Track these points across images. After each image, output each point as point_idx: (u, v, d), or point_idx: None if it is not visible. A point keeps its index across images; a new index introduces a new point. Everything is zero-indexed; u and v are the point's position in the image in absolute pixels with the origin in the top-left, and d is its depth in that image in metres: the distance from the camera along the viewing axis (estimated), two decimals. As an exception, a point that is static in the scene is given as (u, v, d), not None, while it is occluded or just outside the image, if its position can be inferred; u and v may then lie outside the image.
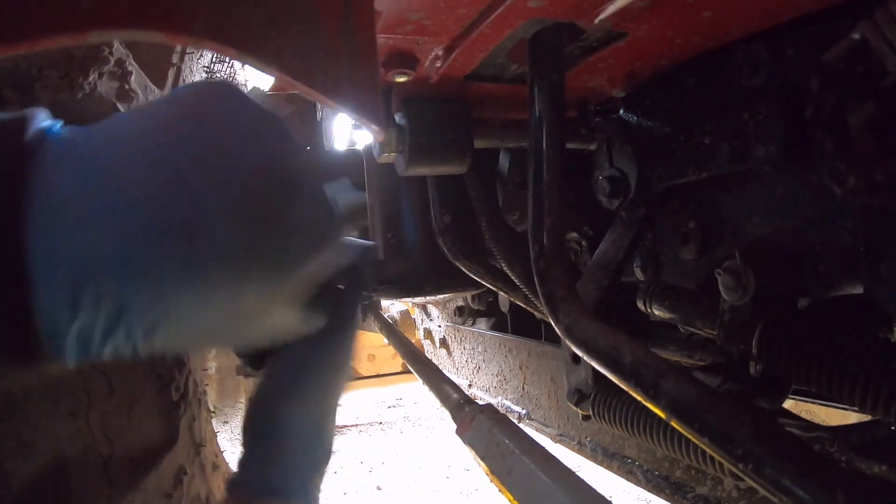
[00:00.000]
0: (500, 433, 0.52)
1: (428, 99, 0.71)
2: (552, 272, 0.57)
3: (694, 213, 0.71)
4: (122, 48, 0.74)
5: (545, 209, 0.57)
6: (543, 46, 0.58)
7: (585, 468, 2.68)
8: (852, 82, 0.45)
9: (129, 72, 0.76)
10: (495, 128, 0.79)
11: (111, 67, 0.72)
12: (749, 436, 0.38)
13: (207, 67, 1.29)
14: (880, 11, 0.41)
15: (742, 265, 0.54)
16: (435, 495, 2.96)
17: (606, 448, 1.04)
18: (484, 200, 0.88)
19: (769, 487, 0.36)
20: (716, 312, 0.58)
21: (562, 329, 0.55)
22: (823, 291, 0.56)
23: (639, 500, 2.57)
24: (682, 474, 0.86)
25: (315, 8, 0.36)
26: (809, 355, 0.48)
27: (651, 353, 0.47)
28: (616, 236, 0.77)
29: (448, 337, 1.80)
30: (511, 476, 0.48)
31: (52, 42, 0.23)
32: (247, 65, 0.47)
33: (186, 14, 0.27)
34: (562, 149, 0.58)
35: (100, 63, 0.69)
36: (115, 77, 0.74)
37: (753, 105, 0.58)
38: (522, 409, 1.37)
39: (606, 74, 0.70)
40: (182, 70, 1.04)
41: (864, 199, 0.50)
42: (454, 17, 0.54)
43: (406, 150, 0.70)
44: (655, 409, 0.45)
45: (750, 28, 0.58)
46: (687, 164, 0.67)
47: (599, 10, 0.53)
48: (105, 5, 0.24)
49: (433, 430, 3.95)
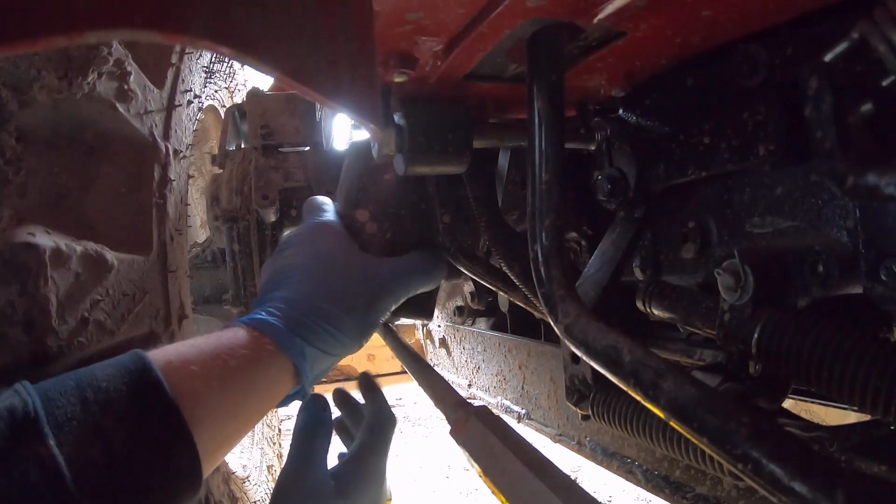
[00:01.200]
0: (494, 435, 0.52)
1: (427, 99, 0.71)
2: (551, 272, 0.57)
3: (693, 213, 0.71)
4: (120, 48, 0.74)
5: (544, 209, 0.57)
6: (542, 46, 0.58)
7: (585, 468, 2.68)
8: (851, 81, 0.45)
9: (129, 72, 0.76)
10: (495, 127, 0.79)
11: (110, 67, 0.72)
12: (748, 436, 0.38)
13: (207, 67, 1.28)
14: (879, 10, 0.41)
15: (741, 265, 0.54)
16: (435, 495, 2.96)
17: (606, 448, 1.04)
18: (483, 200, 0.88)
19: (768, 487, 0.36)
20: (715, 312, 0.58)
21: (561, 329, 0.55)
22: (823, 291, 0.56)
23: (639, 499, 2.57)
24: (682, 474, 0.86)
25: (314, 8, 0.36)
26: (809, 355, 0.48)
27: (650, 353, 0.47)
28: (615, 236, 0.77)
29: (447, 337, 1.80)
30: (504, 477, 0.48)
31: (50, 42, 0.23)
32: (245, 65, 0.48)
33: (185, 14, 0.27)
34: (561, 148, 0.58)
35: (98, 63, 0.69)
36: (113, 77, 0.74)
37: (753, 105, 0.58)
38: (522, 408, 1.37)
39: (605, 74, 0.70)
40: (181, 70, 1.04)
41: (863, 199, 0.50)
42: (453, 17, 0.54)
43: (405, 149, 0.70)
44: (654, 409, 0.45)
45: (749, 28, 0.58)
46: (686, 164, 0.67)
47: (598, 10, 0.53)
48: (103, 5, 0.24)
49: (433, 430, 3.95)
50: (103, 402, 0.42)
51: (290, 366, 0.55)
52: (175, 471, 0.44)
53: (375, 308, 0.63)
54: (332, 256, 0.64)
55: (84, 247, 0.68)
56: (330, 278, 0.61)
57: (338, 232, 0.68)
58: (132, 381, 0.44)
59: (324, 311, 0.58)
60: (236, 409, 0.51)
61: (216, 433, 0.49)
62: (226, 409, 0.49)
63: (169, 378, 0.45)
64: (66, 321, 0.65)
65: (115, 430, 0.41)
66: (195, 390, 0.47)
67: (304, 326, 0.56)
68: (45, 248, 0.61)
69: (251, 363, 0.52)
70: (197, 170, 2.14)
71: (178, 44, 0.49)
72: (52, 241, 0.63)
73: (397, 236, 0.71)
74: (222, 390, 0.49)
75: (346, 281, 0.62)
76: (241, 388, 0.51)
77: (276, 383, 0.55)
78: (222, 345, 0.52)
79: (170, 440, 0.44)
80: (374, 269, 0.65)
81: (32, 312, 0.61)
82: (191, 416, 0.45)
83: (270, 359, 0.54)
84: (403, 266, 0.68)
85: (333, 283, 0.61)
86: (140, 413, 0.43)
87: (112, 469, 0.40)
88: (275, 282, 0.62)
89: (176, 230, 1.02)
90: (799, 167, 0.57)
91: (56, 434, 0.39)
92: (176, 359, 0.48)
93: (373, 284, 0.63)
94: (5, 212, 0.64)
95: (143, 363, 0.46)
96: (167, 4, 0.26)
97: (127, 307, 0.79)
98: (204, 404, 0.47)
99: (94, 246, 0.70)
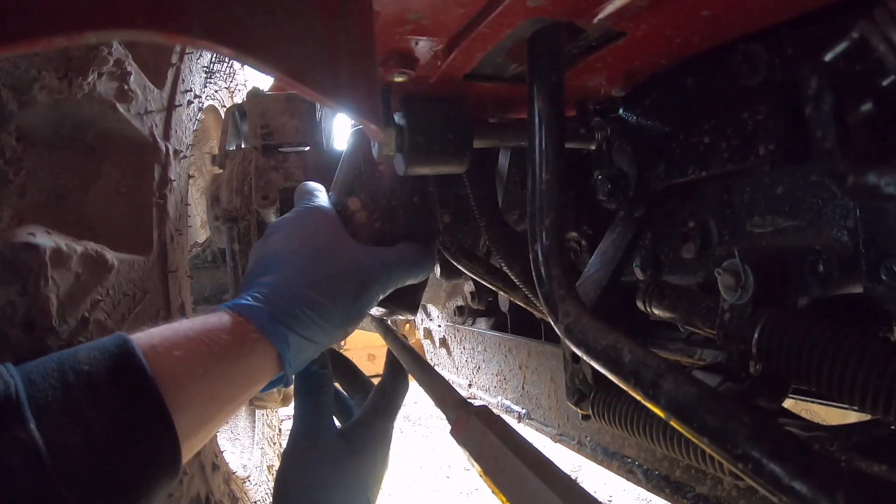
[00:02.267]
0: (494, 435, 0.52)
1: (427, 99, 0.71)
2: (551, 272, 0.57)
3: (693, 213, 0.71)
4: (121, 48, 0.74)
5: (544, 209, 0.57)
6: (542, 46, 0.58)
7: (585, 468, 2.68)
8: (852, 81, 0.45)
9: (129, 72, 0.76)
10: (495, 127, 0.79)
11: (110, 68, 0.72)
12: (748, 435, 0.38)
13: (207, 67, 1.28)
14: (879, 10, 0.41)
15: (741, 265, 0.54)
16: (435, 495, 2.96)
17: (606, 447, 1.04)
18: (483, 200, 0.88)
19: (769, 487, 0.36)
20: (715, 312, 0.58)
21: (561, 329, 0.55)
22: (823, 291, 0.56)
23: (639, 499, 2.57)
24: (682, 474, 0.86)
25: (314, 7, 0.36)
26: (809, 355, 0.48)
27: (650, 353, 0.47)
28: (615, 236, 0.77)
29: (448, 336, 1.80)
30: (504, 477, 0.48)
31: (50, 42, 0.23)
32: (245, 65, 0.48)
33: (184, 14, 0.27)
34: (561, 148, 0.58)
35: (99, 63, 0.69)
36: (114, 77, 0.74)
37: (753, 104, 0.58)
38: (522, 408, 1.37)
39: (606, 74, 0.70)
40: (181, 70, 1.04)
41: (863, 199, 0.50)
42: (453, 17, 0.54)
43: (405, 149, 0.70)
44: (655, 409, 0.45)
45: (749, 27, 0.58)
46: (686, 164, 0.67)
47: (598, 10, 0.53)
48: (103, 5, 0.24)
49: (433, 429, 3.95)
50: (85, 385, 0.42)
51: (273, 353, 0.55)
52: (155, 457, 0.44)
53: (361, 297, 0.62)
54: (320, 242, 0.63)
55: (84, 247, 0.68)
56: (317, 265, 0.60)
57: (328, 216, 0.67)
58: (114, 366, 0.44)
59: (309, 298, 0.57)
60: (218, 394, 0.51)
61: (197, 419, 0.48)
62: (207, 396, 0.49)
63: (152, 362, 0.45)
64: (67, 321, 0.65)
65: (96, 415, 0.41)
66: (177, 375, 0.47)
67: (288, 314, 0.56)
68: (45, 248, 0.61)
69: (234, 349, 0.52)
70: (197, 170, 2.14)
71: (179, 44, 0.49)
72: (52, 241, 0.63)
73: (387, 227, 0.70)
74: (205, 376, 0.49)
75: (332, 268, 0.61)
76: (223, 374, 0.51)
77: (258, 370, 0.55)
78: (206, 330, 0.52)
79: (150, 426, 0.44)
80: (362, 257, 0.64)
81: (33, 312, 0.61)
82: (172, 401, 0.45)
83: (253, 345, 0.54)
84: (392, 256, 0.67)
85: (320, 269, 0.60)
86: (121, 398, 0.43)
87: (92, 455, 0.40)
88: (261, 266, 0.61)
89: (176, 230, 1.02)
90: (799, 167, 0.57)
91: (37, 418, 0.39)
92: (160, 343, 0.48)
93: (360, 273, 0.63)
94: (5, 212, 0.64)
95: (127, 347, 0.45)
96: (167, 4, 0.26)
97: (127, 307, 0.79)
98: (186, 390, 0.47)
99: (95, 246, 0.70)
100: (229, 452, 1.84)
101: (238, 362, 0.52)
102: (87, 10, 0.23)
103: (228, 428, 2.01)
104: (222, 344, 0.51)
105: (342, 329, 0.61)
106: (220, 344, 0.51)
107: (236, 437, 2.01)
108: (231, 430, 2.02)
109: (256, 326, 0.54)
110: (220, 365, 0.50)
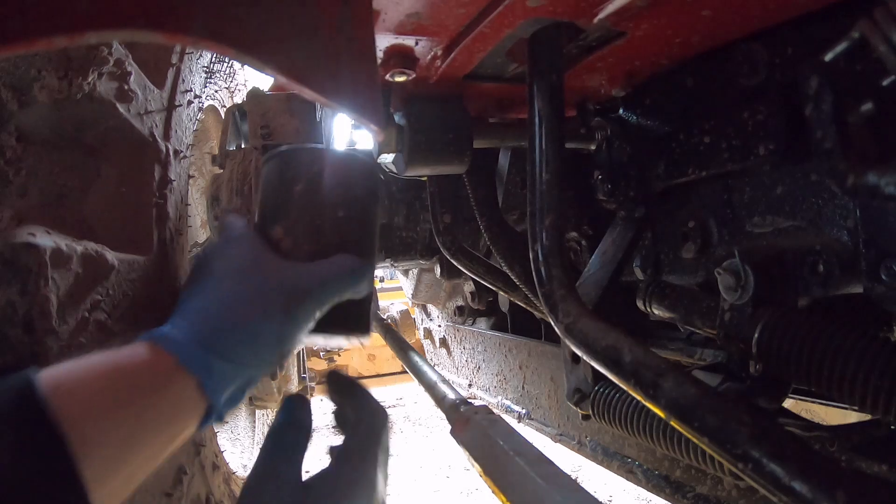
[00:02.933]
0: (495, 435, 0.52)
1: (427, 99, 0.71)
2: (552, 272, 0.57)
3: (694, 213, 0.71)
4: (121, 48, 0.74)
5: (544, 209, 0.57)
6: (542, 46, 0.58)
7: (585, 467, 2.68)
8: (851, 81, 0.45)
9: (129, 72, 0.76)
10: (495, 127, 0.79)
11: (110, 68, 0.72)
12: (749, 435, 0.38)
13: (207, 67, 1.28)
14: (879, 10, 0.41)
15: (742, 265, 0.54)
16: (435, 495, 2.96)
17: (606, 447, 1.04)
18: (483, 200, 0.88)
19: (769, 487, 0.36)
20: (715, 312, 0.58)
21: (561, 328, 0.55)
22: (823, 291, 0.56)
23: (639, 499, 2.57)
24: (682, 474, 0.86)
25: (314, 8, 0.36)
26: (809, 355, 0.48)
27: (651, 353, 0.47)
28: (616, 236, 0.77)
29: (448, 337, 1.80)
30: (504, 477, 0.48)
31: (50, 42, 0.23)
32: (246, 65, 0.47)
33: (185, 14, 0.27)
34: (561, 148, 0.58)
35: (99, 63, 0.69)
36: (114, 77, 0.74)
37: (753, 104, 0.58)
38: (522, 408, 1.37)
39: (606, 74, 0.70)
40: (181, 70, 1.04)
41: (863, 199, 0.50)
42: (453, 17, 0.54)
43: (405, 149, 0.70)
44: (655, 409, 0.45)
45: (749, 27, 0.58)
46: (687, 164, 0.67)
47: (599, 10, 0.53)
48: (103, 6, 0.24)
49: (433, 429, 3.96)
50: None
51: (194, 382, 0.51)
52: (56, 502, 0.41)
53: (295, 314, 0.58)
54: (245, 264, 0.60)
55: (84, 247, 0.68)
56: (243, 284, 0.57)
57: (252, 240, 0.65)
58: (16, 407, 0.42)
59: (233, 318, 0.55)
60: (134, 435, 0.48)
61: (111, 462, 0.46)
62: (121, 437, 0.47)
63: (56, 402, 0.43)
64: (67, 321, 0.65)
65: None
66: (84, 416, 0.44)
67: (213, 337, 0.53)
68: (45, 248, 0.61)
69: (148, 382, 0.49)
70: (197, 170, 2.14)
71: (179, 44, 0.49)
72: (52, 242, 0.63)
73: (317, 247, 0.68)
74: (115, 415, 0.46)
75: (260, 285, 0.58)
76: (138, 413, 0.48)
77: (178, 404, 0.51)
78: (119, 364, 0.49)
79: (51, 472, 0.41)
80: (292, 271, 0.61)
81: (33, 312, 0.61)
82: (80, 444, 0.42)
83: (170, 376, 0.50)
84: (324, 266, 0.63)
85: (247, 287, 0.57)
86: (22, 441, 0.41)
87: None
88: (185, 294, 0.58)
89: (176, 230, 1.02)
90: (799, 167, 0.57)
91: None
92: (66, 380, 0.45)
93: (290, 287, 0.59)
94: (5, 212, 0.64)
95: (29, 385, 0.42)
96: (168, 5, 0.26)
97: (127, 307, 0.79)
98: (93, 431, 0.45)
99: (95, 246, 0.70)
100: (229, 452, 1.84)
101: (153, 397, 0.49)
102: (87, 10, 0.23)
103: (228, 428, 2.01)
104: (135, 378, 0.48)
105: (275, 350, 0.57)
106: (132, 378, 0.48)
107: (236, 437, 2.01)
108: (231, 430, 2.02)
109: (173, 356, 0.50)
110: (133, 402, 0.47)
